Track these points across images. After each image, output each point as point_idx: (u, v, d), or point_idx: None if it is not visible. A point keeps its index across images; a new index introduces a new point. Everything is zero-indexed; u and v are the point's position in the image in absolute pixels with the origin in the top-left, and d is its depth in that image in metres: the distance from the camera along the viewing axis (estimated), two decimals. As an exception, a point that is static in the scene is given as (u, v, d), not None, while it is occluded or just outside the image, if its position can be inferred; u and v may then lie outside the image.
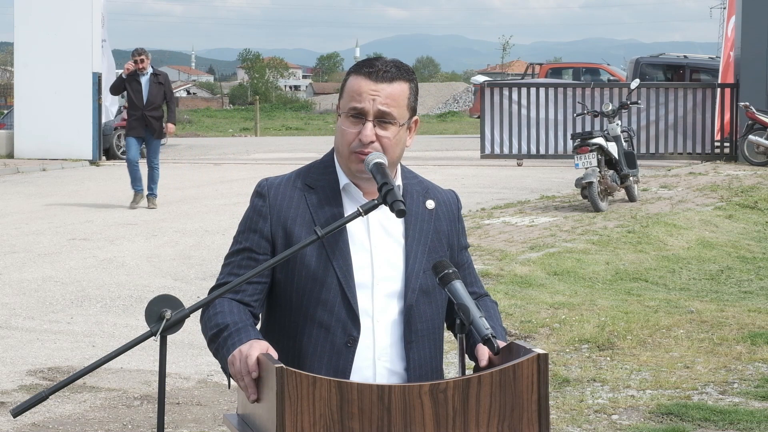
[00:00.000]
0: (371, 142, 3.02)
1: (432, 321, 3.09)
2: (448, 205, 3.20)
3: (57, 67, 23.30)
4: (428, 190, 3.18)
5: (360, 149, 3.02)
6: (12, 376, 7.13)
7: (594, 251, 11.06)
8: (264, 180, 3.15)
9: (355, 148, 3.03)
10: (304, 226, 3.05)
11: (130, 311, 9.02)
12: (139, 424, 6.16)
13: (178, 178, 20.03)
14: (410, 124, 3.15)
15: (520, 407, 2.74)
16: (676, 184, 16.75)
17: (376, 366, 3.01)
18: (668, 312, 8.46)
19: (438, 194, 3.20)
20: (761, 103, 20.43)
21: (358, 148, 3.03)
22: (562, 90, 22.12)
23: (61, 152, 23.22)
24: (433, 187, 3.22)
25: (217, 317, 3.00)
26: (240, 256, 3.08)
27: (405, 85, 3.08)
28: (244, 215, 3.14)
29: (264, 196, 3.10)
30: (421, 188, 3.17)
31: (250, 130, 43.98)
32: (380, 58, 3.13)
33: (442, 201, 3.19)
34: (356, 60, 3.93)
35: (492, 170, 20.36)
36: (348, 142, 3.04)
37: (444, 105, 61.14)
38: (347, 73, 3.12)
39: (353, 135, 3.03)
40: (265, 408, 2.77)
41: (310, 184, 3.10)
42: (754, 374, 6.92)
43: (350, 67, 3.16)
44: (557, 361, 7.20)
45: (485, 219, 13.45)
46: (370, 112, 3.02)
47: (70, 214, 14.83)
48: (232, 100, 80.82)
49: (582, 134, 14.44)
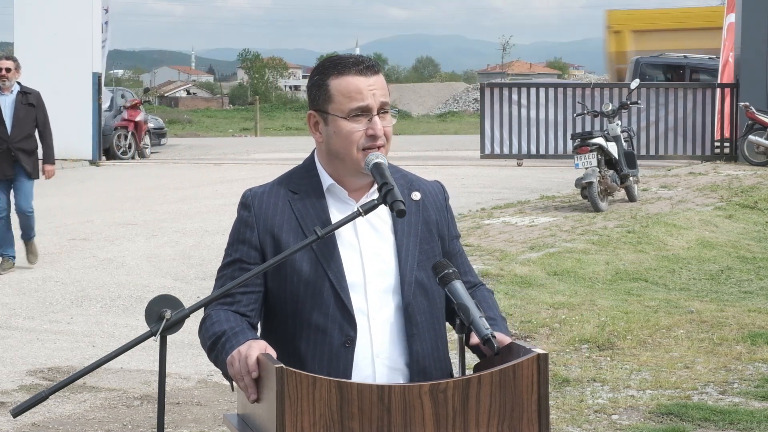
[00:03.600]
0: (382, 134, 3.05)
1: (431, 312, 3.09)
2: (434, 195, 3.20)
3: (57, 67, 23.30)
4: (412, 182, 3.19)
5: (370, 144, 3.03)
6: (12, 376, 7.13)
7: (594, 251, 11.06)
8: (248, 190, 3.16)
9: (365, 144, 3.03)
10: (291, 232, 3.05)
11: (130, 311, 9.02)
12: (139, 424, 6.16)
13: (178, 178, 20.04)
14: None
15: (520, 407, 2.74)
16: (676, 184, 16.75)
17: (374, 364, 3.01)
18: (668, 312, 8.47)
19: (423, 185, 3.20)
20: (761, 103, 20.42)
21: (368, 143, 3.03)
22: (562, 90, 22.13)
23: (61, 152, 23.05)
24: (417, 179, 3.22)
25: (214, 327, 3.01)
26: (231, 268, 3.09)
27: (381, 74, 3.11)
28: (232, 227, 3.15)
29: (249, 206, 3.11)
30: (405, 181, 3.17)
31: (250, 130, 44.00)
32: (349, 55, 3.13)
33: (428, 192, 3.19)
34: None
35: (492, 170, 20.36)
36: (355, 141, 3.04)
37: (444, 105, 61.15)
38: (323, 77, 3.06)
39: (360, 133, 3.04)
40: (265, 408, 2.77)
41: (293, 190, 3.11)
42: (754, 374, 6.92)
43: (321, 70, 3.09)
44: (557, 361, 7.20)
45: (485, 219, 13.45)
46: (375, 106, 3.04)
47: (70, 214, 14.83)
48: (232, 100, 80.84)
49: (582, 134, 14.44)
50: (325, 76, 3.07)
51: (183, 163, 24.01)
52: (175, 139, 35.07)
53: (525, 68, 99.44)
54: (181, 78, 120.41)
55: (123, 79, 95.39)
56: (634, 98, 19.07)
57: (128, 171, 21.91)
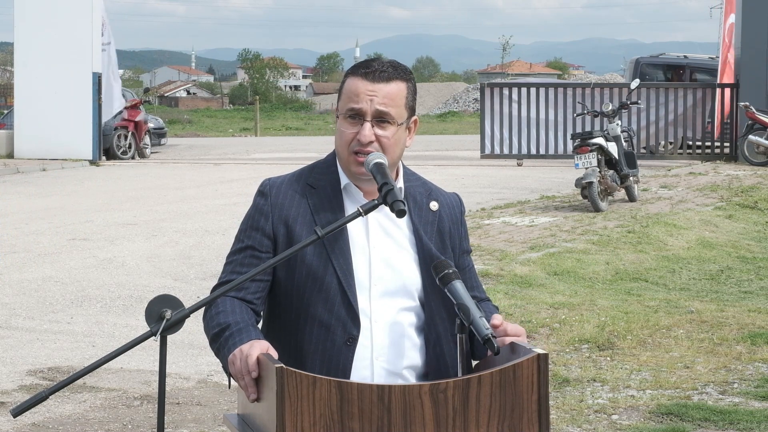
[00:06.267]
0: (370, 142, 3.03)
1: (440, 319, 3.08)
2: (452, 208, 3.21)
3: (57, 67, 23.31)
4: (431, 191, 3.19)
5: (359, 149, 3.03)
6: (12, 376, 7.13)
7: (594, 251, 11.06)
8: (267, 180, 3.18)
9: (354, 148, 3.04)
10: (305, 226, 3.06)
11: (130, 311, 9.02)
12: (139, 424, 6.16)
13: (178, 178, 20.04)
14: (409, 124, 3.15)
15: (520, 407, 2.75)
16: (676, 184, 16.76)
17: (373, 366, 3.01)
18: (668, 312, 8.46)
19: (441, 196, 3.21)
20: (761, 103, 20.43)
21: (357, 147, 3.04)
22: (562, 90, 22.14)
23: (61, 152, 23.22)
24: (437, 189, 3.23)
25: (219, 317, 3.01)
26: (242, 254, 3.10)
27: (402, 85, 3.08)
28: (247, 213, 3.17)
29: (266, 194, 3.13)
30: (424, 190, 3.18)
31: (250, 130, 44.00)
32: (378, 58, 3.15)
33: (445, 203, 3.20)
34: (356, 60, 3.90)
35: (492, 170, 20.36)
36: (347, 142, 3.05)
37: (444, 105, 61.16)
38: (345, 75, 3.13)
39: (352, 135, 3.04)
40: (265, 408, 2.77)
41: (311, 184, 3.13)
42: (754, 374, 6.91)
43: (348, 68, 3.18)
44: (557, 361, 7.20)
45: (485, 219, 13.45)
46: (368, 112, 3.03)
47: (70, 214, 14.83)
48: (232, 100, 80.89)
49: (582, 134, 14.44)
50: (347, 75, 3.12)
51: (183, 163, 24.01)
52: (175, 139, 35.08)
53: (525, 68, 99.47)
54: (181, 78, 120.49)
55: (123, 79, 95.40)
56: (634, 98, 19.08)
57: (128, 171, 21.91)
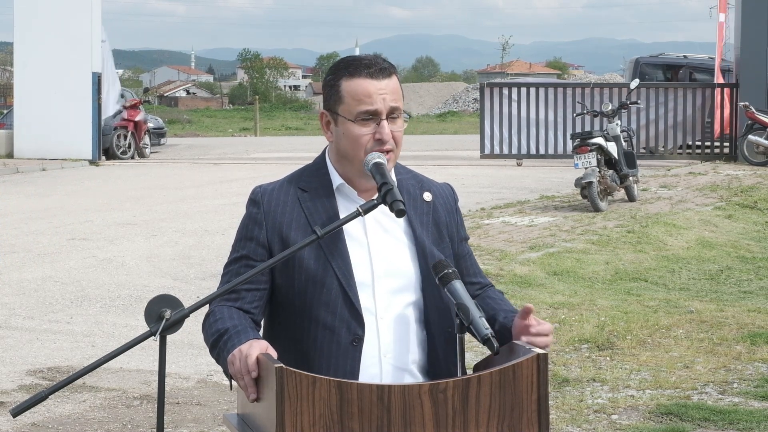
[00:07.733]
0: (390, 139, 3.03)
1: (444, 313, 3.08)
2: (445, 198, 3.21)
3: (57, 67, 23.30)
4: (423, 183, 3.20)
5: (378, 148, 3.02)
6: (12, 376, 7.13)
7: (594, 251, 11.06)
8: (258, 187, 3.16)
9: (372, 148, 3.02)
10: (300, 230, 3.05)
11: (129, 311, 9.02)
12: (138, 424, 6.16)
13: (178, 178, 20.04)
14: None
15: (519, 407, 2.75)
16: (676, 184, 16.76)
17: (382, 363, 3.01)
18: (668, 312, 8.47)
19: (433, 187, 3.21)
20: (761, 103, 20.43)
21: (376, 147, 3.02)
22: (562, 90, 22.13)
23: (60, 152, 23.22)
24: (428, 181, 3.23)
25: (217, 323, 3.01)
26: (238, 264, 3.09)
27: (396, 77, 3.09)
28: (240, 224, 3.14)
29: (258, 203, 3.10)
30: (416, 182, 3.18)
31: (250, 130, 44.00)
32: (365, 56, 3.12)
33: (438, 193, 3.20)
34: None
35: (492, 170, 20.36)
36: (363, 145, 3.03)
37: (444, 105, 61.12)
38: (336, 77, 3.06)
39: (368, 137, 3.03)
40: (265, 408, 2.77)
41: (303, 188, 3.11)
42: (754, 374, 6.91)
43: (335, 70, 3.09)
44: (557, 361, 7.20)
45: (485, 219, 13.45)
46: (384, 111, 3.02)
47: (69, 213, 14.83)
48: (232, 100, 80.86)
49: (582, 134, 14.45)
50: (338, 76, 3.06)
51: (183, 163, 24.01)
52: (174, 138, 35.06)
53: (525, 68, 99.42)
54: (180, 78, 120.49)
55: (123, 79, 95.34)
56: (634, 98, 19.08)
57: (128, 171, 21.91)
